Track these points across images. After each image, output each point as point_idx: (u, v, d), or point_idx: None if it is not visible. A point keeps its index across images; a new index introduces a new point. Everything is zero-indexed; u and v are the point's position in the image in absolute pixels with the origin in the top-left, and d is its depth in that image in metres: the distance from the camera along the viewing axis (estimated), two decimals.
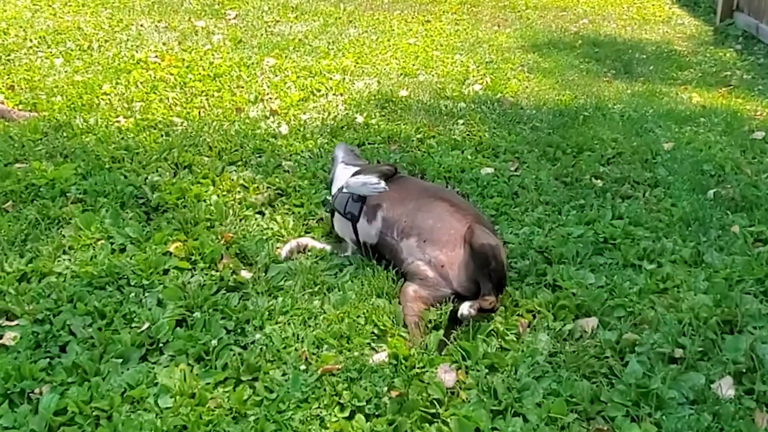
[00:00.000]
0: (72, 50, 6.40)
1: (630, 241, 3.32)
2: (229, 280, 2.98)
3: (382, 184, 3.00)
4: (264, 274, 3.07)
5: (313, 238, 3.35)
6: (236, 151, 4.26)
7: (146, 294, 2.87)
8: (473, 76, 6.17)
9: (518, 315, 2.79)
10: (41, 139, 4.30)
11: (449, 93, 5.63)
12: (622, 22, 8.87)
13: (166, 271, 3.04)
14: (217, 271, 3.06)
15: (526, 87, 5.95)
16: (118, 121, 4.68)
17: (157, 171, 3.93)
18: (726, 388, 2.35)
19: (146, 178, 3.82)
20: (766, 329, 2.64)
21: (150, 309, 2.77)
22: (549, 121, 5.03)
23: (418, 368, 2.46)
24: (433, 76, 6.17)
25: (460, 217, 2.92)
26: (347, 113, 5.05)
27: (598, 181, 4.02)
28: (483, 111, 5.19)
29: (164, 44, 6.77)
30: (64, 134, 4.39)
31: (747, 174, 4.11)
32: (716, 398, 2.33)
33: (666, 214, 3.62)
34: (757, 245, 3.32)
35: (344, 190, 3.13)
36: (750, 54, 7.32)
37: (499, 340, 2.65)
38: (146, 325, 2.66)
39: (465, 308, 2.62)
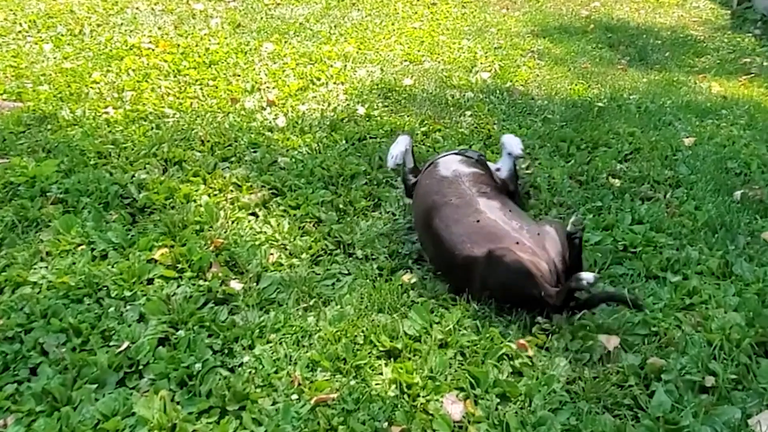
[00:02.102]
0: (63, 35, 6.14)
1: (652, 249, 3.07)
2: (217, 292, 2.75)
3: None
4: (255, 284, 2.83)
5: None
6: (230, 146, 4.01)
7: (127, 307, 2.65)
8: (481, 63, 5.88)
9: (532, 335, 2.55)
10: (24, 132, 4.07)
11: (456, 81, 5.36)
12: (635, 5, 8.53)
13: (150, 281, 2.82)
14: (205, 280, 2.83)
15: (537, 75, 5.67)
16: (106, 113, 4.44)
17: (145, 168, 3.69)
18: (765, 424, 2.11)
19: (133, 176, 3.58)
20: None
21: (130, 325, 2.54)
22: (561, 112, 4.76)
23: (422, 397, 2.24)
24: (438, 63, 5.89)
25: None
26: (348, 104, 4.79)
27: (616, 180, 3.76)
28: (492, 101, 4.92)
29: (160, 29, 6.50)
30: (49, 127, 4.15)
31: None
32: None
33: (689, 218, 3.36)
34: None
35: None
36: None
37: (512, 362, 2.42)
38: (125, 344, 2.44)
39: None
